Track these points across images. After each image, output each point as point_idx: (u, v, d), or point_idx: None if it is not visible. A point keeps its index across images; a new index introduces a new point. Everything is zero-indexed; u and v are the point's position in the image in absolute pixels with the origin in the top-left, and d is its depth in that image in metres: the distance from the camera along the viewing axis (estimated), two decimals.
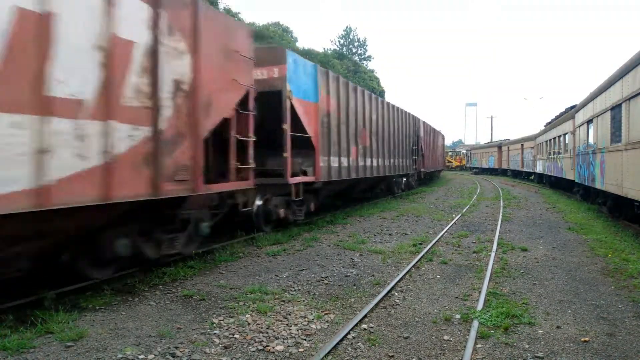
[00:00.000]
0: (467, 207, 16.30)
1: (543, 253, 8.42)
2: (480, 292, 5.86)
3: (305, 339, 4.42)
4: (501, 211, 14.85)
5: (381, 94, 49.57)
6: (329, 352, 4.08)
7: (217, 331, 4.55)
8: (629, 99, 9.43)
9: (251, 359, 3.99)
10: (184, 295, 5.68)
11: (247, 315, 4.98)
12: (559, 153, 21.43)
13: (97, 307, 5.17)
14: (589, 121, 14.00)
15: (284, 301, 5.52)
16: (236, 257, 7.78)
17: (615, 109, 10.63)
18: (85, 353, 3.99)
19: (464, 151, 76.57)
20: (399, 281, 6.41)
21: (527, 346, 4.30)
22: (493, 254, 8.12)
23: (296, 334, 4.52)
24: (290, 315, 5.04)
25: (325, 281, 6.45)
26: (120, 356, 3.93)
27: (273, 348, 4.20)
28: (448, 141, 59.17)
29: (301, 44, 60.98)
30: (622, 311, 5.24)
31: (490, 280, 6.49)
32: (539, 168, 29.24)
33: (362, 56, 66.57)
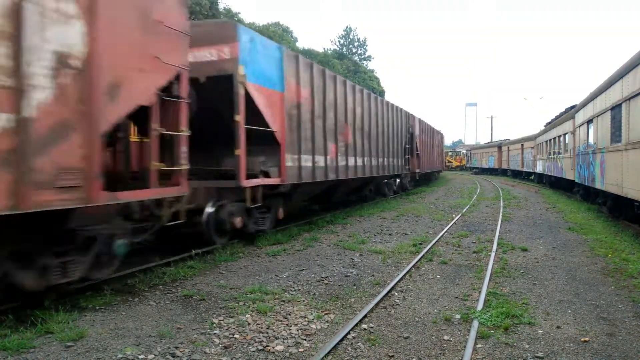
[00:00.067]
0: (467, 207, 16.30)
1: (543, 253, 8.42)
2: (480, 292, 5.86)
3: (305, 339, 4.42)
4: (501, 211, 14.85)
5: (381, 94, 49.56)
6: (329, 352, 4.08)
7: (217, 331, 4.55)
8: (629, 99, 9.44)
9: (251, 359, 3.99)
10: (184, 295, 5.68)
11: (247, 315, 4.98)
12: (559, 153, 21.43)
13: (97, 307, 5.17)
14: (589, 121, 14.01)
15: (284, 301, 5.53)
16: (236, 257, 7.79)
17: (615, 109, 10.63)
18: (85, 353, 3.99)
19: (464, 151, 76.61)
20: (399, 281, 6.41)
21: (527, 346, 4.30)
22: (493, 254, 8.12)
23: (296, 334, 4.53)
24: (290, 315, 5.04)
25: (325, 281, 6.46)
26: (120, 356, 3.93)
27: (273, 348, 4.20)
28: (448, 141, 59.16)
29: (301, 44, 61.08)
30: (622, 311, 5.24)
31: (490, 280, 6.49)
32: (539, 168, 29.25)
33: (362, 56, 66.68)
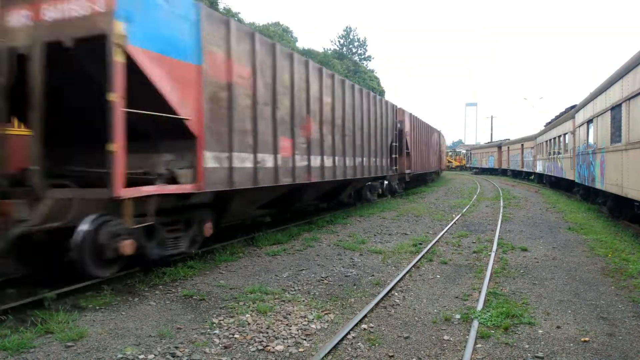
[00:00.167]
0: (467, 207, 16.30)
1: (543, 253, 8.42)
2: (480, 292, 5.86)
3: (305, 339, 4.42)
4: (501, 211, 14.85)
5: (381, 94, 49.55)
6: (329, 352, 4.08)
7: (217, 331, 4.55)
8: (629, 99, 9.43)
9: (251, 359, 3.99)
10: (184, 295, 5.68)
11: (247, 315, 4.98)
12: (559, 153, 21.43)
13: (97, 307, 5.17)
14: (589, 121, 14.00)
15: (284, 301, 5.53)
16: (236, 257, 7.79)
17: (615, 109, 10.63)
18: (85, 353, 3.99)
19: (464, 151, 76.66)
20: (399, 281, 6.41)
21: (527, 346, 4.30)
22: (493, 254, 8.12)
23: (296, 334, 4.53)
24: (290, 315, 5.04)
25: (325, 281, 6.46)
26: (120, 356, 3.93)
27: (273, 348, 4.20)
28: (448, 141, 59.02)
29: (301, 44, 61.08)
30: (622, 311, 5.24)
31: (490, 280, 6.49)
32: (539, 168, 29.25)
33: (362, 56, 66.68)
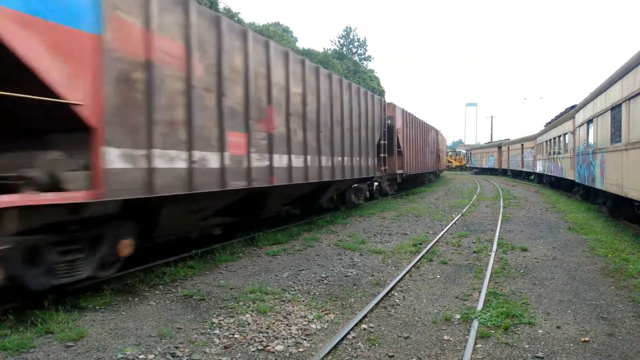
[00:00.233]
0: (467, 207, 16.30)
1: (543, 253, 8.42)
2: (480, 292, 5.86)
3: (305, 339, 4.42)
4: (501, 211, 14.85)
5: (381, 94, 49.55)
6: (329, 352, 4.08)
7: (217, 331, 4.55)
8: (629, 99, 9.43)
9: (251, 359, 3.99)
10: (184, 295, 5.68)
11: (247, 315, 4.98)
12: (559, 153, 21.43)
13: (97, 307, 5.17)
14: (589, 121, 14.00)
15: (284, 301, 5.53)
16: (236, 257, 7.79)
17: (615, 109, 10.63)
18: (85, 353, 3.99)
19: (464, 151, 76.67)
20: (399, 281, 6.41)
21: (527, 346, 4.30)
22: (493, 254, 8.12)
23: (296, 334, 4.53)
24: (290, 315, 5.04)
25: (325, 281, 6.46)
26: (120, 356, 3.93)
27: (273, 348, 4.20)
28: (448, 141, 58.95)
29: (301, 44, 61.12)
30: (622, 311, 5.24)
31: (490, 280, 6.49)
32: (539, 168, 29.24)
33: (362, 56, 66.63)
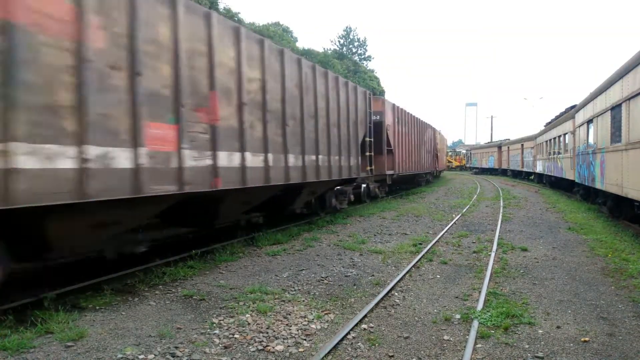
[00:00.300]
0: (467, 207, 16.30)
1: (543, 253, 8.42)
2: (480, 292, 5.86)
3: (305, 339, 4.42)
4: (501, 211, 14.85)
5: (381, 94, 49.53)
6: (329, 352, 4.08)
7: (217, 331, 4.55)
8: (629, 99, 9.43)
9: (251, 359, 3.99)
10: (184, 295, 5.68)
11: (247, 315, 4.98)
12: (559, 153, 21.42)
13: (97, 307, 5.17)
14: (589, 121, 14.00)
15: (284, 301, 5.53)
16: (236, 257, 7.78)
17: (615, 109, 10.63)
18: (85, 353, 3.99)
19: (464, 151, 76.67)
20: (399, 281, 6.41)
21: (527, 346, 4.30)
22: (493, 254, 8.12)
23: (296, 334, 4.53)
24: (290, 315, 5.04)
25: (325, 281, 6.45)
26: (120, 356, 3.93)
27: (273, 348, 4.20)
28: (448, 141, 58.87)
29: (301, 44, 61.11)
30: (622, 311, 5.24)
31: (490, 280, 6.49)
32: (539, 168, 29.24)
33: (362, 56, 66.61)
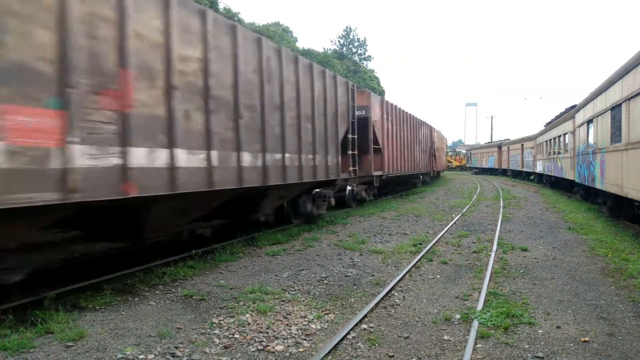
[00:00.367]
0: (467, 207, 16.30)
1: (543, 253, 8.42)
2: (480, 292, 5.86)
3: (305, 339, 4.42)
4: (501, 211, 14.84)
5: (381, 94, 49.52)
6: (329, 352, 4.08)
7: (217, 331, 4.55)
8: (629, 99, 9.43)
9: (251, 359, 3.99)
10: (184, 295, 5.68)
11: (247, 315, 4.98)
12: (559, 153, 21.42)
13: (97, 307, 5.17)
14: (589, 121, 14.00)
15: (284, 301, 5.53)
16: (236, 257, 7.78)
17: (615, 109, 10.63)
18: (85, 353, 3.99)
19: (464, 151, 76.65)
20: (399, 281, 6.41)
21: (527, 346, 4.30)
22: (493, 254, 8.12)
23: (296, 334, 4.53)
24: (290, 315, 5.04)
25: (325, 281, 6.45)
26: (120, 356, 3.93)
27: (273, 348, 4.20)
28: (448, 141, 58.81)
29: (301, 44, 61.11)
30: (622, 311, 5.24)
31: (490, 280, 6.48)
32: (539, 168, 29.23)
33: (362, 56, 66.61)
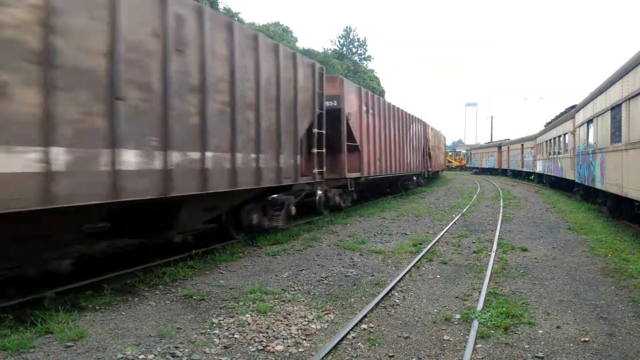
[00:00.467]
0: (467, 207, 16.30)
1: (543, 253, 8.42)
2: (480, 292, 5.86)
3: (305, 339, 4.42)
4: (501, 211, 14.84)
5: (381, 94, 49.52)
6: (329, 352, 4.07)
7: (217, 331, 4.55)
8: (629, 99, 9.43)
9: (251, 359, 3.99)
10: (184, 295, 5.68)
11: (247, 315, 4.98)
12: (559, 153, 21.42)
13: (97, 307, 5.17)
14: (589, 121, 14.00)
15: (284, 301, 5.53)
16: (236, 257, 7.78)
17: (615, 109, 10.63)
18: (85, 353, 3.99)
19: (464, 151, 76.64)
20: (399, 281, 6.41)
21: (527, 346, 4.30)
22: (493, 254, 8.12)
23: (296, 334, 4.53)
24: (290, 315, 5.04)
25: (325, 281, 6.45)
26: (120, 356, 3.93)
27: (273, 348, 4.20)
28: (448, 141, 58.79)
29: (301, 44, 61.10)
30: (622, 311, 5.24)
31: (490, 280, 6.48)
32: (539, 168, 29.24)
33: (362, 56, 66.68)
